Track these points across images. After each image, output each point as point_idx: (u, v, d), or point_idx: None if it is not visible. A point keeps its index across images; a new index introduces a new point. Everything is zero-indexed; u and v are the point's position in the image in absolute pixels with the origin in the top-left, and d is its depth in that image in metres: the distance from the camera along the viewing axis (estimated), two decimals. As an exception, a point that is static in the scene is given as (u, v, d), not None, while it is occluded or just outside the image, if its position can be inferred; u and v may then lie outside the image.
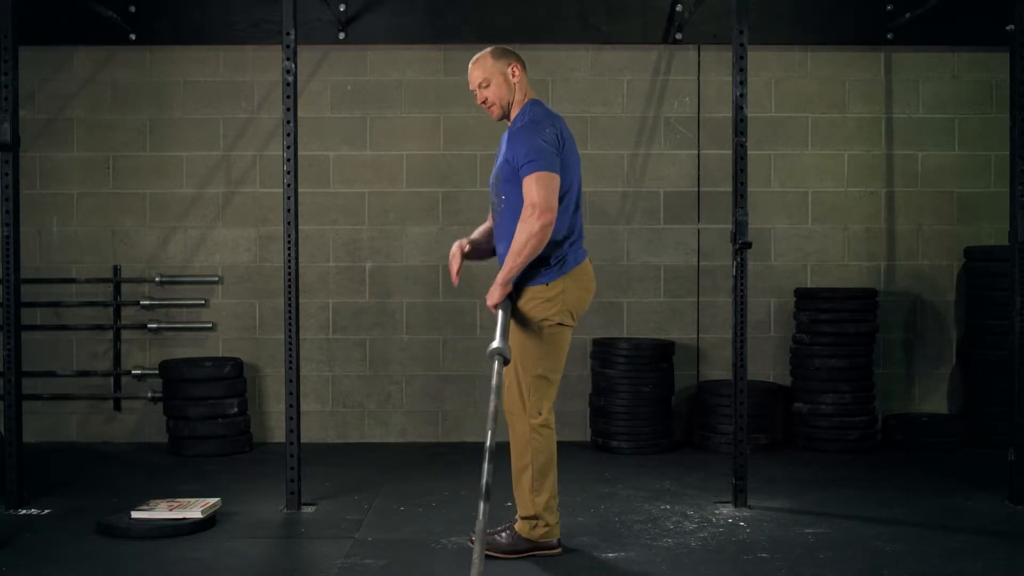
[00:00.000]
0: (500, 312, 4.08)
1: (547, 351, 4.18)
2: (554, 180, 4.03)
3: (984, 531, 4.68)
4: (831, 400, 6.46)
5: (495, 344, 3.88)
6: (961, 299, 6.94)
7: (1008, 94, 5.20)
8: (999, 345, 5.99)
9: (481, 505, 3.52)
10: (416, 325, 6.88)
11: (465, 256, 4.34)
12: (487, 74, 4.27)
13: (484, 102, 4.30)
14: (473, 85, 4.32)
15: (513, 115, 4.26)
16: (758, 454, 6.26)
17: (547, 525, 4.25)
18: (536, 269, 4.15)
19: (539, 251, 4.05)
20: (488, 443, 3.63)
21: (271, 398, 6.88)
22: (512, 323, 4.18)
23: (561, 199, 4.12)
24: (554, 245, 4.14)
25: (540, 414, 4.20)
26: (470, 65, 4.35)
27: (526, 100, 4.26)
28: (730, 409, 5.30)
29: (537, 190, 4.00)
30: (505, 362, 3.86)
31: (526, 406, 4.19)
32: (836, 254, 6.94)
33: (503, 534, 4.29)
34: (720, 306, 6.81)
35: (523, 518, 4.26)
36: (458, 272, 4.30)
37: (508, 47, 4.41)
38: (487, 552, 4.22)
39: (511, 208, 4.16)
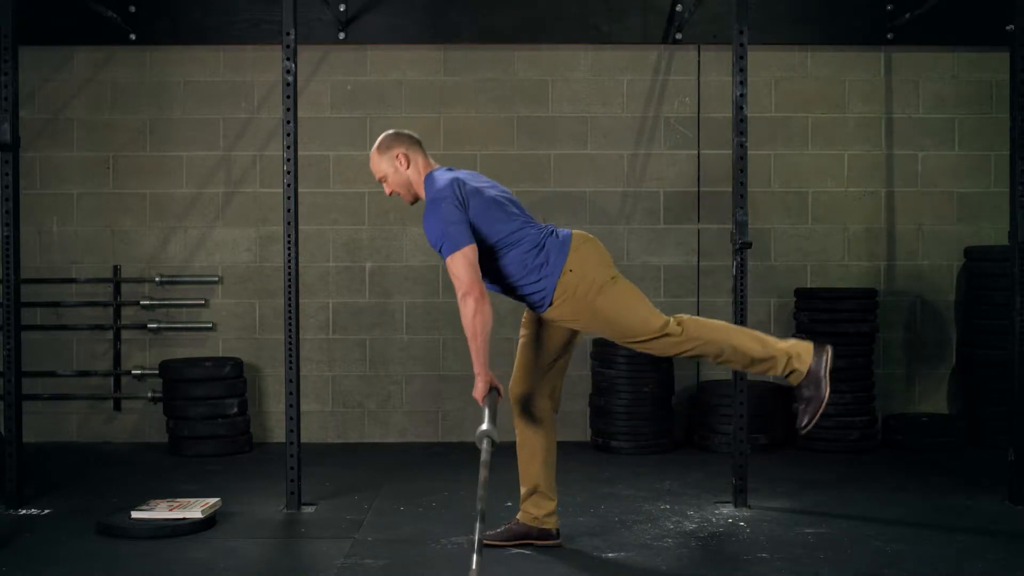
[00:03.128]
0: (487, 399, 4.06)
1: (626, 305, 4.11)
2: (468, 254, 4.01)
3: (984, 531, 4.68)
4: (831, 400, 6.44)
5: (484, 427, 3.90)
6: (961, 299, 6.94)
7: (1008, 94, 5.20)
8: (999, 345, 5.98)
9: (475, 557, 3.60)
10: (416, 325, 6.88)
11: None
12: (380, 171, 4.30)
13: (391, 194, 4.34)
14: (377, 179, 4.35)
15: (421, 195, 4.26)
16: (758, 454, 6.25)
17: (791, 355, 4.15)
18: (538, 290, 4.11)
19: (489, 323, 4.00)
20: (479, 506, 3.70)
21: (271, 398, 6.88)
22: (585, 313, 4.11)
23: (495, 245, 4.10)
24: (526, 275, 4.11)
25: (679, 325, 4.11)
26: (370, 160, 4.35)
27: (424, 176, 4.24)
28: (730, 409, 5.30)
29: (456, 272, 4.01)
30: (492, 444, 3.87)
31: (663, 333, 4.10)
32: (836, 254, 6.95)
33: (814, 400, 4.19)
34: (720, 306, 6.81)
35: (791, 362, 4.16)
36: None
37: (397, 131, 4.36)
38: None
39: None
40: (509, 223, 4.13)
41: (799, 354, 4.17)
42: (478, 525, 3.65)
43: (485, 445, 3.87)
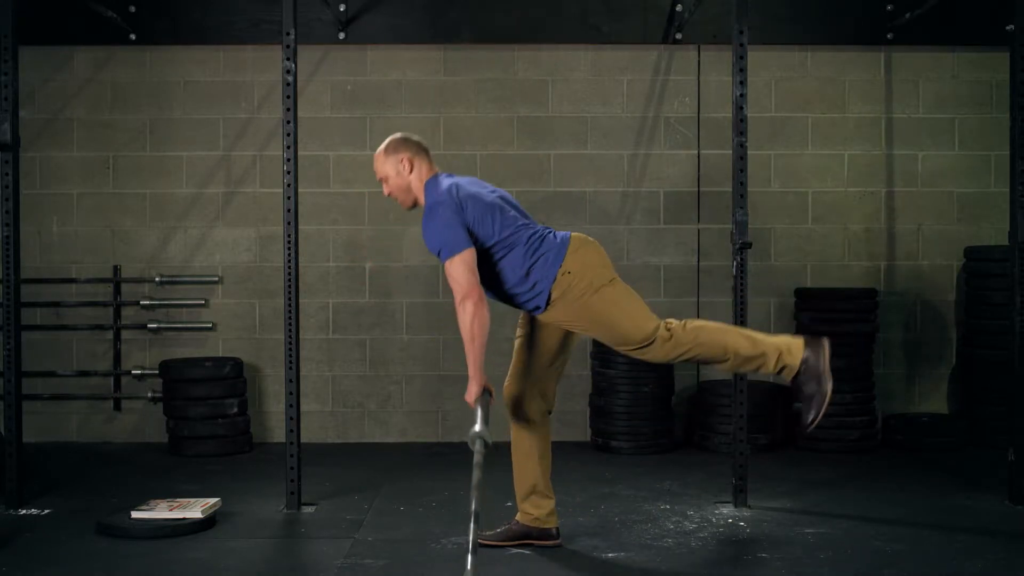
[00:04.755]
0: (479, 401, 4.06)
1: (621, 307, 4.10)
2: (466, 258, 4.02)
3: (984, 531, 4.68)
4: (833, 400, 6.44)
5: (476, 428, 3.91)
6: (961, 299, 6.93)
7: (1008, 94, 5.20)
8: (999, 345, 5.98)
9: (470, 557, 3.58)
10: (416, 325, 6.88)
11: None
12: (383, 172, 4.30)
13: (390, 195, 4.34)
14: (378, 178, 4.36)
15: (420, 200, 4.27)
16: (758, 454, 6.25)
17: (782, 350, 4.11)
18: (535, 293, 4.10)
19: (486, 327, 4.02)
20: (473, 507, 3.68)
21: (271, 398, 6.88)
22: (582, 315, 4.10)
23: (492, 248, 4.10)
24: (522, 279, 4.10)
25: (667, 330, 4.10)
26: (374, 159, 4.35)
27: (425, 182, 4.25)
28: (730, 409, 5.30)
29: (454, 275, 4.02)
30: (485, 445, 3.88)
31: (654, 337, 4.09)
32: (836, 254, 6.95)
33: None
34: (720, 306, 6.80)
35: (781, 357, 4.12)
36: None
37: (406, 135, 4.33)
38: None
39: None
40: (506, 227, 4.12)
41: (789, 349, 4.14)
42: (472, 526, 3.64)
43: (478, 446, 3.88)
